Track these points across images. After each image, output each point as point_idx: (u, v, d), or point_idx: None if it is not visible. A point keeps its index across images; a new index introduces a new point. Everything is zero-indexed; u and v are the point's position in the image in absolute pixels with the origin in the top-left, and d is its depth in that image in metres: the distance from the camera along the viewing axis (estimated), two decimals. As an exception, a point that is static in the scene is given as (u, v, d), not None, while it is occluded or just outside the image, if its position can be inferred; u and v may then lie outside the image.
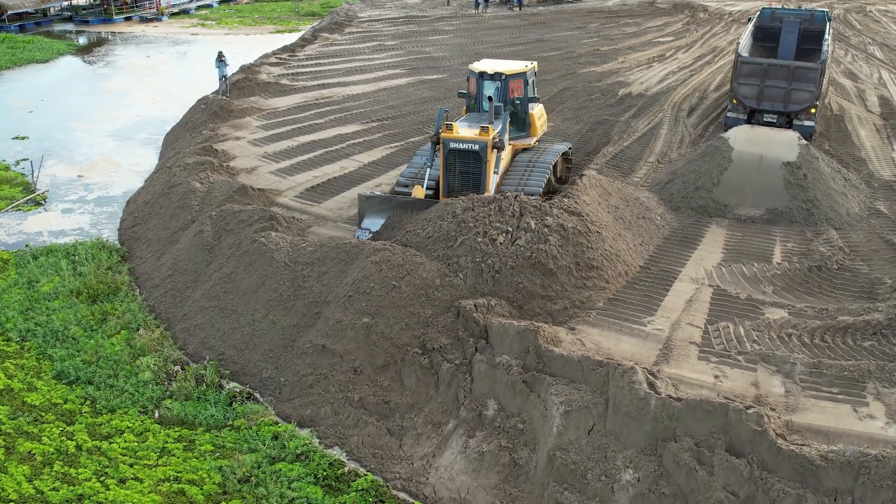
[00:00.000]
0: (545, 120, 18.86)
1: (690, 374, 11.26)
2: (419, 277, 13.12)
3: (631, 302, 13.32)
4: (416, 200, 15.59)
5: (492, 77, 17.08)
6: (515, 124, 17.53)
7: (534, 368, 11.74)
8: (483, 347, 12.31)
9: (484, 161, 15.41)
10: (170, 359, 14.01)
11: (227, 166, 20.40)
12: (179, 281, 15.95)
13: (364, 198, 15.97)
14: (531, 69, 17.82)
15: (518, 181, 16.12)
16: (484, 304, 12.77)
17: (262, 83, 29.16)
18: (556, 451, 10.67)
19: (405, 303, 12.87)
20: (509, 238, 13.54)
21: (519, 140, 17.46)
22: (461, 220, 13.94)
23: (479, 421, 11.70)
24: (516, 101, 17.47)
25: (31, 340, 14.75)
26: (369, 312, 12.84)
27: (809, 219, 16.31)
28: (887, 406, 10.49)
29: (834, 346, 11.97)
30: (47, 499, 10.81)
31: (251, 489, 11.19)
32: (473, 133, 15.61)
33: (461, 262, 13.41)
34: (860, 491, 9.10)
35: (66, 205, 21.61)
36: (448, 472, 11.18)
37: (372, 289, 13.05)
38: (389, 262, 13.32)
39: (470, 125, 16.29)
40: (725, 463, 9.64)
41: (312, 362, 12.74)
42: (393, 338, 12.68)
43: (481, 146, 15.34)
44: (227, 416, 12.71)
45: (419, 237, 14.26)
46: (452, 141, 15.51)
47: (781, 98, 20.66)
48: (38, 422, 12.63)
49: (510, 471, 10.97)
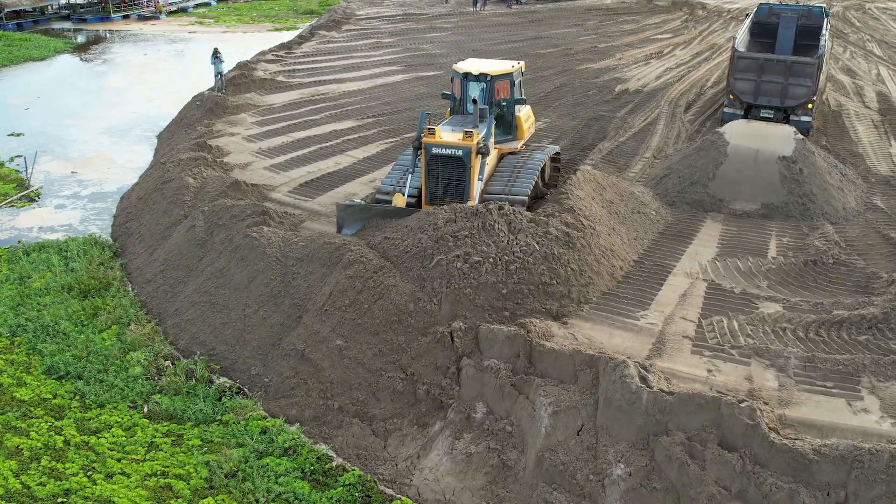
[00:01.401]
0: (533, 122, 18.18)
1: (683, 368, 11.15)
2: (392, 302, 12.55)
3: (624, 296, 13.21)
4: (396, 209, 14.88)
5: (476, 78, 16.29)
6: (502, 127, 16.80)
7: (523, 371, 11.59)
8: (471, 352, 12.11)
9: (468, 167, 14.74)
10: (160, 354, 13.92)
11: (221, 162, 20.30)
12: (171, 276, 15.86)
13: (342, 207, 15.24)
14: (518, 69, 16.91)
15: (503, 186, 15.43)
16: (461, 329, 12.19)
17: (259, 80, 29.07)
18: (545, 452, 10.55)
19: (378, 329, 12.43)
20: (498, 264, 12.77)
21: (505, 143, 16.73)
22: (440, 236, 13.14)
23: (468, 423, 11.56)
24: (502, 102, 16.67)
25: (21, 335, 14.66)
26: (342, 335, 12.49)
27: (805, 213, 16.20)
28: (882, 400, 10.38)
29: (829, 341, 11.86)
30: (34, 494, 10.72)
31: (238, 484, 11.09)
32: (457, 138, 14.87)
33: (435, 285, 12.65)
34: (853, 485, 9.00)
35: (59, 201, 21.52)
36: (433, 473, 11.05)
37: (346, 306, 12.67)
38: (363, 277, 12.85)
39: (453, 129, 15.51)
40: (718, 457, 9.53)
41: (294, 366, 12.61)
42: (366, 363, 12.28)
43: (465, 152, 14.64)
44: (216, 411, 12.61)
45: (397, 249, 13.55)
46: (435, 146, 14.80)
47: (778, 93, 20.56)
48: (27, 417, 12.54)
49: (498, 472, 10.86)
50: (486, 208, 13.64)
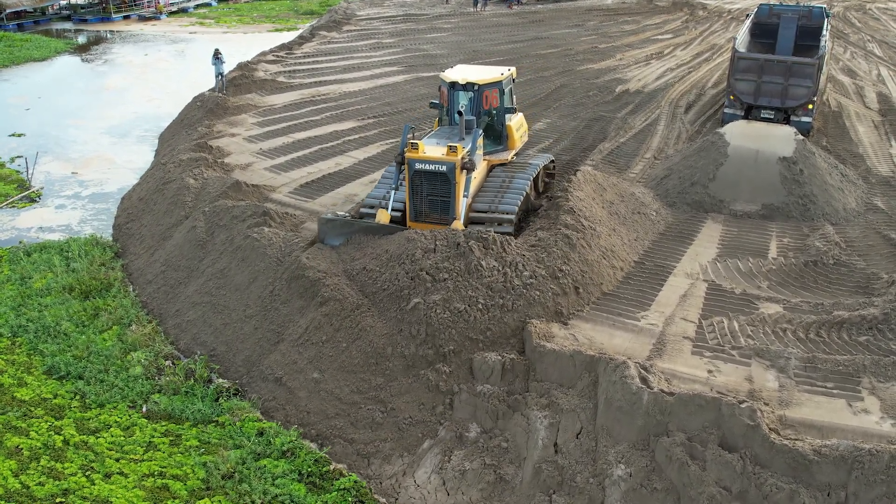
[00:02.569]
0: (525, 130, 17.60)
1: (684, 368, 11.15)
2: (369, 344, 12.22)
3: (625, 297, 13.22)
4: (379, 226, 14.30)
5: (464, 87, 15.63)
6: (491, 137, 16.25)
7: (518, 392, 11.49)
8: (464, 378, 11.85)
9: (453, 183, 14.18)
10: (161, 354, 13.94)
11: (222, 163, 20.32)
12: (172, 277, 15.87)
13: (324, 220, 14.57)
14: (507, 76, 16.27)
15: (490, 203, 14.93)
16: (446, 372, 11.89)
17: (259, 80, 29.08)
18: (542, 464, 10.51)
19: (355, 369, 12.18)
20: (492, 307, 12.26)
21: (495, 154, 16.19)
22: (416, 273, 12.50)
23: (459, 441, 11.32)
24: (492, 112, 16.09)
25: (22, 336, 14.68)
26: (319, 369, 12.29)
27: (805, 214, 16.20)
28: (882, 401, 10.38)
29: (829, 341, 11.86)
30: (32, 493, 10.73)
31: (234, 485, 11.08)
32: (441, 152, 14.28)
33: (412, 331, 12.14)
34: (854, 486, 9.01)
35: (60, 201, 21.54)
36: (420, 491, 10.87)
37: (322, 342, 12.46)
38: (339, 315, 12.54)
39: (438, 142, 14.92)
40: (718, 457, 9.55)
41: (272, 390, 12.54)
42: (343, 398, 12.04)
43: (449, 167, 14.06)
44: (214, 412, 12.63)
45: (374, 284, 12.91)
46: (418, 161, 14.21)
47: (779, 94, 20.56)
48: (27, 417, 12.56)
49: (493, 487, 10.73)
50: (467, 244, 12.79)
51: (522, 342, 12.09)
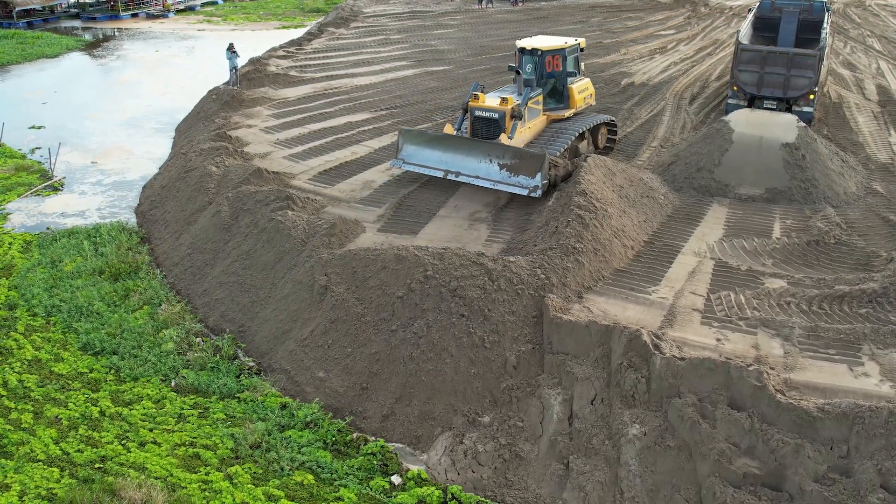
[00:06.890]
0: (589, 94, 20.11)
1: (694, 337, 11.76)
2: (374, 356, 12.67)
3: (636, 273, 13.81)
4: (445, 136, 17.83)
5: (530, 53, 18.79)
6: (554, 97, 19.16)
7: (533, 375, 12.02)
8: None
9: (503, 127, 17.47)
10: (191, 331, 14.54)
11: (242, 151, 20.91)
12: (198, 259, 16.47)
13: (403, 131, 18.37)
14: (573, 46, 19.35)
15: (543, 145, 18.06)
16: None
17: (272, 74, 29.65)
18: (557, 436, 11.13)
19: (361, 372, 12.67)
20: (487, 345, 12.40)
21: (555, 111, 19.17)
22: (411, 299, 12.78)
23: (472, 426, 11.80)
24: (554, 74, 18.93)
25: (56, 316, 15.28)
26: (324, 368, 12.91)
27: (808, 197, 16.79)
28: (881, 365, 10.99)
29: (831, 313, 12.46)
30: (73, 459, 11.36)
31: (262, 454, 11.66)
32: (496, 103, 17.68)
33: (403, 353, 12.58)
34: (855, 440, 9.61)
35: (83, 188, 22.19)
36: (432, 471, 11.36)
37: (328, 345, 13.02)
38: (345, 322, 13.08)
39: (498, 95, 18.19)
40: (727, 416, 10.15)
41: (281, 380, 13.13)
42: (349, 400, 12.60)
43: (500, 115, 17.50)
44: (238, 388, 13.18)
45: (373, 302, 13.15)
46: (477, 109, 17.87)
47: (781, 84, 21.13)
48: (66, 389, 13.17)
49: (508, 464, 11.23)
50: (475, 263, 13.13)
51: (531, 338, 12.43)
